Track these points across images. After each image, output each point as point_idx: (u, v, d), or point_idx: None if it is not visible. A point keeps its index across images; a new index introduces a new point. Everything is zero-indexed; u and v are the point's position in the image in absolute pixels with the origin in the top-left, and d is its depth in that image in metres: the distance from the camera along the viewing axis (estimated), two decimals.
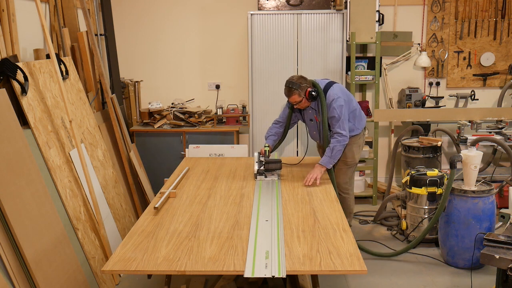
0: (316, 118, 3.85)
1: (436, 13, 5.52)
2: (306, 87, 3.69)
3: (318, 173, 3.56)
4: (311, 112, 3.86)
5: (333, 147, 3.68)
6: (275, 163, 3.68)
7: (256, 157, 3.69)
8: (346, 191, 4.13)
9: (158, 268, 2.30)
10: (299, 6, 5.24)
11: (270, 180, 3.63)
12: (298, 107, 3.81)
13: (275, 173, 3.71)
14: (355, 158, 4.05)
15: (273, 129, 4.04)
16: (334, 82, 3.83)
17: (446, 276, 3.72)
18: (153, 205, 3.05)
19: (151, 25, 5.60)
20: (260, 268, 2.26)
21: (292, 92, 3.69)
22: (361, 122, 4.01)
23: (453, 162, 3.72)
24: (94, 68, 4.46)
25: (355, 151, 4.03)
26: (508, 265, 2.59)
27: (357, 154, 4.06)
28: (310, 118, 3.92)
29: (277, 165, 3.68)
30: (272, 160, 3.72)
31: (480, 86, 5.66)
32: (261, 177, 3.65)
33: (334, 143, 3.69)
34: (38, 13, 3.33)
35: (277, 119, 4.08)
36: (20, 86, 3.08)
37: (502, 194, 4.71)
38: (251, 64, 5.20)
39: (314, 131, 3.97)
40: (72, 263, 3.08)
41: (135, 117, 5.53)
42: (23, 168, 2.85)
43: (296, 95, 3.69)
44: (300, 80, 3.70)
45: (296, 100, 3.72)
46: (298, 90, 3.67)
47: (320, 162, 3.68)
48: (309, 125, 4.00)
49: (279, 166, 3.69)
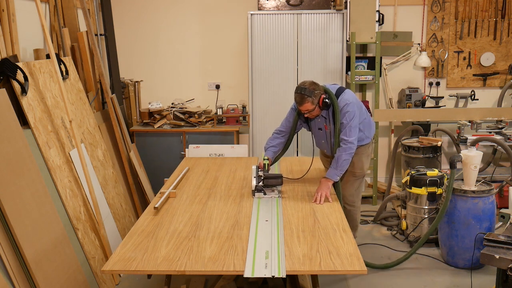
0: (326, 127, 3.52)
1: (436, 13, 5.52)
2: (319, 94, 3.33)
3: (326, 189, 3.25)
4: (321, 121, 3.51)
5: (338, 157, 3.35)
6: (275, 179, 3.32)
7: (254, 171, 3.30)
8: (352, 203, 3.77)
9: (158, 268, 2.30)
10: (299, 6, 5.23)
11: (269, 197, 3.26)
12: (308, 116, 3.43)
13: (275, 189, 3.35)
14: (363, 169, 3.72)
15: (274, 139, 3.64)
16: (344, 88, 3.53)
17: (446, 276, 3.72)
18: (153, 205, 3.05)
19: (151, 25, 5.60)
20: (260, 268, 2.26)
21: (304, 100, 3.30)
22: (370, 131, 3.72)
23: (453, 162, 3.72)
24: (94, 68, 4.46)
25: (364, 161, 3.70)
26: (508, 265, 2.59)
27: (366, 165, 3.74)
28: (319, 127, 3.57)
29: (277, 180, 3.31)
30: (272, 175, 3.35)
31: (480, 86, 5.66)
32: (260, 194, 3.27)
33: (340, 152, 3.36)
34: (38, 13, 3.33)
35: (278, 129, 3.67)
36: (20, 86, 3.08)
37: (502, 194, 4.71)
38: (251, 64, 5.20)
39: (323, 140, 3.61)
40: (72, 263, 3.08)
41: (135, 117, 5.53)
42: (23, 168, 2.85)
43: (309, 103, 3.30)
44: (313, 86, 3.34)
45: (309, 109, 3.34)
46: (312, 98, 3.29)
47: (326, 175, 3.36)
48: (316, 134, 3.64)
49: (280, 182, 3.33)
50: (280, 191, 3.35)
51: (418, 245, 3.84)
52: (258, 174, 3.30)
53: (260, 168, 3.35)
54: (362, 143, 3.60)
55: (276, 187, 3.36)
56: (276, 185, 3.35)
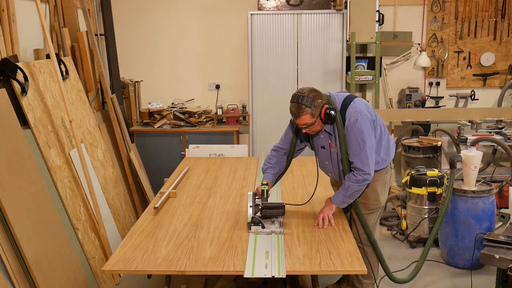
0: (330, 145, 2.80)
1: (436, 13, 5.52)
2: (321, 104, 2.62)
3: (329, 211, 2.77)
4: (324, 137, 2.80)
5: (348, 186, 2.72)
6: (276, 209, 2.73)
7: (251, 198, 2.73)
8: (366, 242, 2.98)
9: (158, 268, 2.30)
10: (299, 6, 5.24)
11: (269, 232, 2.65)
12: (307, 131, 2.72)
13: (275, 221, 2.75)
14: (379, 201, 2.93)
15: (273, 158, 2.98)
16: (354, 96, 2.80)
17: (446, 276, 3.71)
18: (153, 205, 3.05)
19: (151, 25, 5.60)
20: (260, 268, 2.26)
21: (302, 111, 2.59)
22: (389, 152, 2.92)
23: (453, 162, 3.72)
24: (94, 68, 4.46)
25: (379, 191, 2.91)
26: (508, 265, 2.59)
27: (382, 195, 2.93)
28: (322, 145, 2.84)
29: (278, 211, 2.73)
30: (273, 204, 2.75)
31: (480, 86, 5.66)
32: (257, 228, 2.67)
33: (352, 181, 2.71)
34: (38, 13, 3.33)
35: (277, 145, 3.01)
36: (20, 86, 3.08)
37: (502, 194, 4.70)
38: (251, 64, 5.20)
39: (327, 161, 2.89)
40: (72, 263, 3.08)
41: (135, 117, 5.53)
42: (23, 168, 2.85)
43: (307, 115, 2.60)
44: (313, 94, 2.62)
45: (307, 122, 2.63)
46: (311, 108, 2.59)
47: (332, 198, 2.82)
48: (319, 153, 2.90)
49: (282, 212, 2.73)
50: (282, 223, 2.75)
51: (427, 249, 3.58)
52: (256, 202, 2.73)
53: (258, 195, 2.79)
54: (376, 167, 2.82)
55: (278, 218, 2.78)
56: (277, 216, 2.78)
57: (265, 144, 5.33)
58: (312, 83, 5.24)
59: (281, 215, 2.75)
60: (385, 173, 2.92)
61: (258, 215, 2.70)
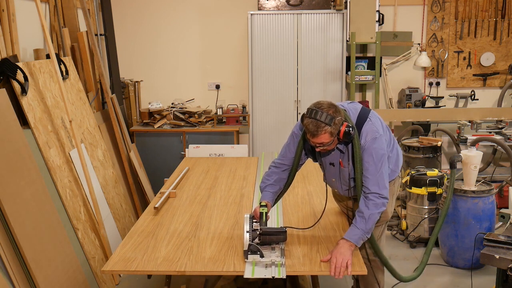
0: (341, 163, 2.55)
1: (436, 13, 5.52)
2: (341, 121, 2.35)
3: (348, 256, 2.30)
4: (335, 155, 2.55)
5: (369, 216, 2.38)
6: (276, 235, 2.39)
7: (247, 222, 2.36)
8: (371, 256, 2.79)
9: (158, 268, 2.30)
10: (299, 6, 5.24)
11: (269, 262, 2.29)
12: (321, 150, 2.45)
13: (276, 248, 2.40)
14: (386, 213, 2.69)
15: (273, 175, 2.65)
16: (367, 109, 2.56)
17: (446, 276, 3.72)
18: (153, 205, 3.05)
19: (151, 25, 5.60)
20: (260, 269, 2.25)
21: (321, 130, 2.30)
22: (398, 163, 2.77)
23: (453, 162, 3.72)
24: (94, 68, 4.46)
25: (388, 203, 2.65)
26: (508, 265, 2.59)
27: (390, 207, 2.73)
28: (331, 162, 2.60)
29: (279, 237, 2.39)
30: (272, 230, 2.40)
31: (480, 86, 5.66)
32: (254, 256, 2.30)
33: (371, 209, 2.39)
34: (38, 13, 3.33)
35: (277, 161, 2.67)
36: (20, 86, 3.08)
37: (502, 194, 4.70)
38: (251, 64, 5.20)
39: (334, 178, 2.66)
40: (72, 263, 3.08)
41: (135, 117, 5.53)
42: (23, 168, 2.85)
43: (327, 134, 2.32)
44: (332, 110, 2.34)
45: (324, 142, 2.36)
46: (331, 127, 2.30)
47: (347, 237, 2.38)
48: (327, 169, 2.66)
49: (283, 238, 2.40)
50: (283, 251, 2.39)
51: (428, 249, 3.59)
52: (253, 227, 2.38)
53: (256, 219, 2.44)
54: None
55: (279, 244, 2.43)
56: (277, 242, 2.43)
57: (265, 144, 5.33)
58: (312, 83, 5.25)
59: (282, 241, 2.41)
60: (394, 184, 2.77)
61: (256, 242, 2.35)
